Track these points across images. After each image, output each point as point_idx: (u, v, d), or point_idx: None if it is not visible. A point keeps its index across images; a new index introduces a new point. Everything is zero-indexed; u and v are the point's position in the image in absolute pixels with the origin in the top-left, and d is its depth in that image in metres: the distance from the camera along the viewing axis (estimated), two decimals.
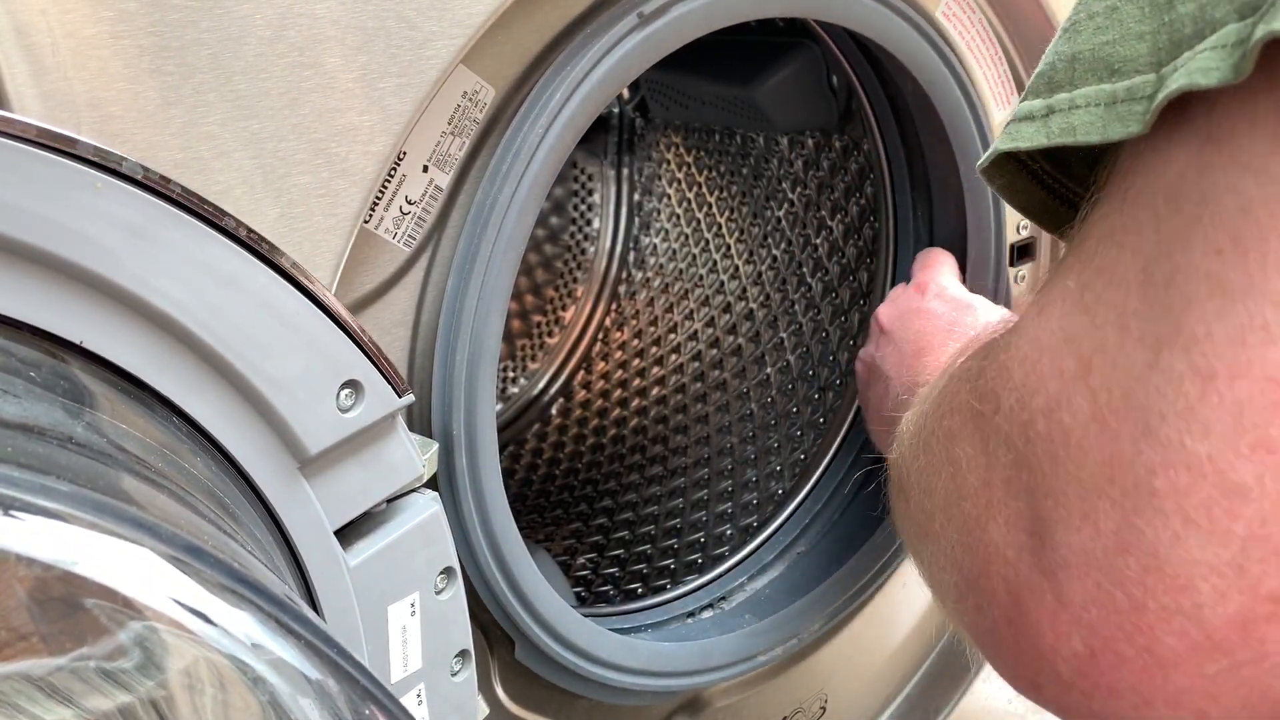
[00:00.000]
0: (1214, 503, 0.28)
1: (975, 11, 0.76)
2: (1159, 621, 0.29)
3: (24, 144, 0.32)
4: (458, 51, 0.51)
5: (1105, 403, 0.30)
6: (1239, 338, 0.27)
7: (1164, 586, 0.29)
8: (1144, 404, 0.29)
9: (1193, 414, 0.28)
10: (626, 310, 1.22)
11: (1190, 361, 0.28)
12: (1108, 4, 0.33)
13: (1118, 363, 0.30)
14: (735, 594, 0.85)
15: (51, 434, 0.29)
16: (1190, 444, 0.28)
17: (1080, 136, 0.32)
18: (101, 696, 0.26)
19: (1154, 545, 0.29)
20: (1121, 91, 0.31)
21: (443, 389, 0.57)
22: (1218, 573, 0.28)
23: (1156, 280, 0.30)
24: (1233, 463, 0.27)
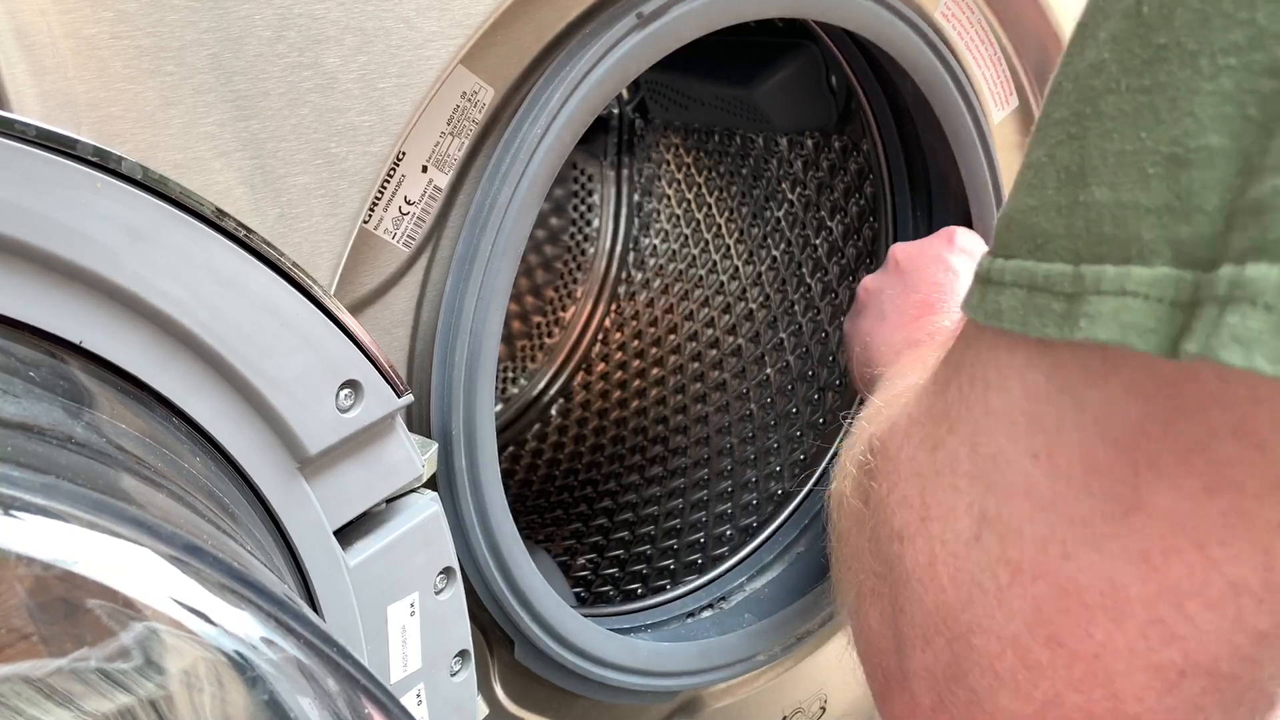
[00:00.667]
0: (1017, 671, 0.31)
1: (974, 12, 0.76)
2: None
3: (24, 144, 0.32)
4: (457, 52, 0.51)
5: (939, 555, 0.34)
6: (1041, 545, 0.30)
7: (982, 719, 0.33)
8: (968, 572, 0.32)
9: (1002, 597, 0.31)
10: (626, 311, 1.22)
11: (1004, 550, 0.31)
12: (1036, 156, 0.30)
13: (950, 521, 0.33)
14: (735, 594, 0.85)
15: (51, 434, 0.29)
16: (1000, 620, 0.32)
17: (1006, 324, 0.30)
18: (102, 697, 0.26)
19: (975, 688, 0.33)
20: (1041, 277, 0.29)
21: (442, 389, 0.57)
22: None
23: (983, 453, 0.32)
24: (1030, 646, 0.31)
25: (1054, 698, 0.31)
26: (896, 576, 0.36)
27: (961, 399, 0.33)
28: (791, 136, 1.01)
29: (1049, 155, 0.29)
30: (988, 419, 0.32)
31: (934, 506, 0.34)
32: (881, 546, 0.37)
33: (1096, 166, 0.27)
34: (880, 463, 0.38)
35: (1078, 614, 0.30)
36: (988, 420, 0.32)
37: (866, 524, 0.39)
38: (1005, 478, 0.31)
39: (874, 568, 0.38)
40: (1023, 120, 0.83)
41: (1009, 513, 0.31)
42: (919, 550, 0.34)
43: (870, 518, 0.39)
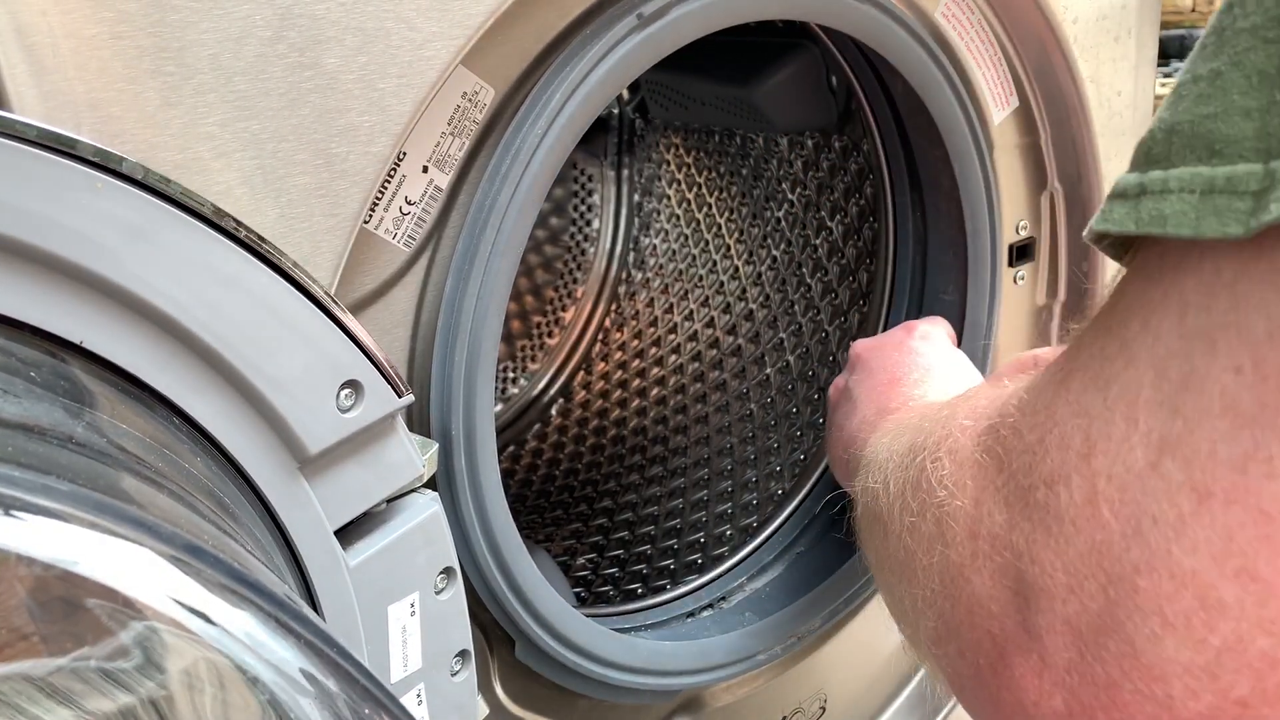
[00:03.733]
0: (1193, 613, 0.29)
1: (974, 12, 0.76)
2: (1133, 702, 0.30)
3: (24, 144, 0.32)
4: (457, 52, 0.51)
5: (1102, 490, 0.31)
6: (1241, 464, 0.27)
7: (1140, 674, 0.30)
8: (1138, 503, 0.30)
9: (1184, 527, 0.28)
10: (626, 310, 1.22)
11: (1190, 475, 0.28)
12: (1212, 67, 0.29)
13: (1120, 454, 0.30)
14: (735, 594, 0.85)
15: (52, 434, 0.29)
16: (1177, 554, 0.29)
17: (1171, 229, 0.28)
18: (102, 697, 0.26)
19: (1132, 637, 0.30)
20: (1221, 180, 0.27)
21: (441, 389, 0.57)
22: (1191, 674, 0.29)
23: (1171, 378, 0.29)
24: (1215, 582, 0.28)
25: (1235, 642, 0.28)
26: (1035, 523, 0.33)
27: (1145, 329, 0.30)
28: (791, 137, 1.02)
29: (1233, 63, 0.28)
30: (1181, 341, 0.29)
31: (1100, 441, 0.31)
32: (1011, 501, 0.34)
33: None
34: (1021, 417, 0.35)
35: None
36: (1180, 343, 0.29)
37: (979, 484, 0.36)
38: (1199, 398, 0.28)
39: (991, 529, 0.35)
40: (1023, 120, 0.83)
41: (1200, 434, 0.28)
42: (1075, 489, 0.31)
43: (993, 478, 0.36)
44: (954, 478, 0.38)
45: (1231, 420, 0.28)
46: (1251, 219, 0.26)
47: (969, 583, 0.36)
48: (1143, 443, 0.30)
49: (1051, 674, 0.32)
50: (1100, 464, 0.31)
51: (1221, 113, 0.28)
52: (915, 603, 0.40)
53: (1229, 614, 0.28)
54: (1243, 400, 0.27)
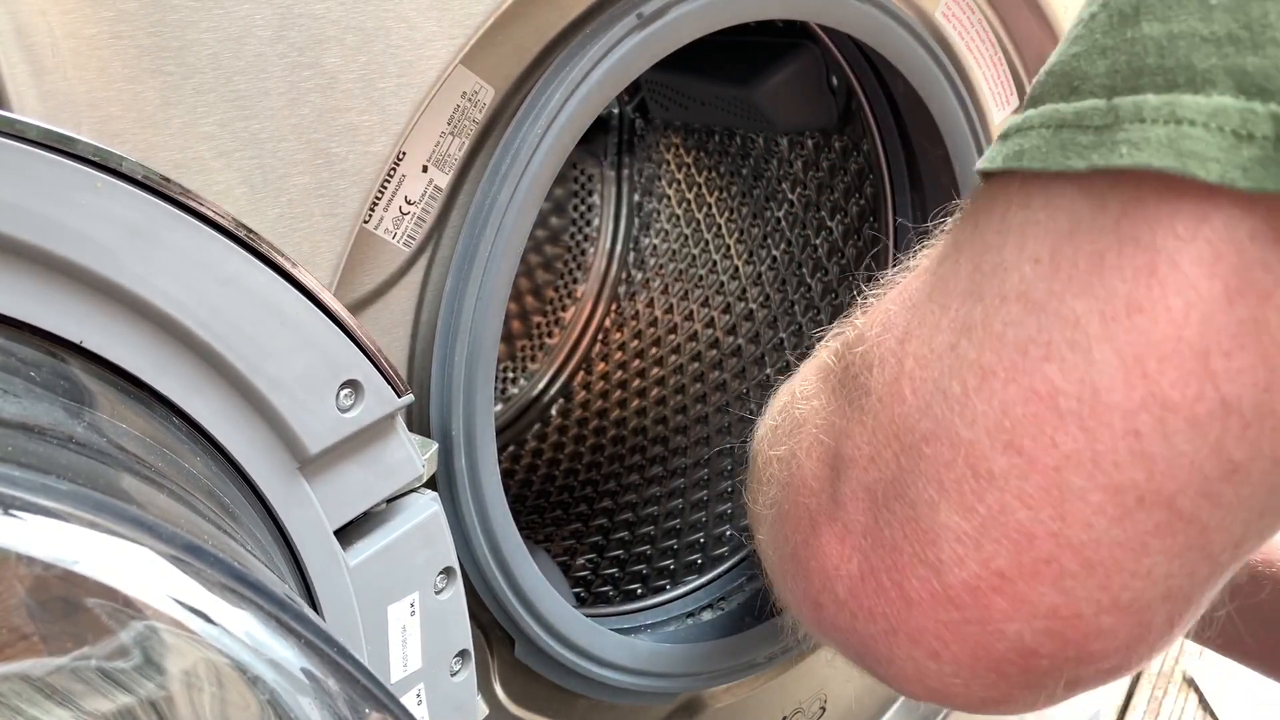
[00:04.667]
0: (964, 481, 0.30)
1: (974, 12, 0.76)
2: (909, 565, 0.32)
3: (24, 144, 0.32)
4: (457, 52, 0.51)
5: (909, 370, 0.33)
6: (1023, 347, 0.29)
7: (917, 538, 0.32)
8: (935, 380, 0.32)
9: (966, 401, 0.31)
10: (626, 310, 1.22)
11: (980, 355, 0.30)
12: (1091, 10, 0.31)
13: (930, 337, 0.33)
14: (735, 594, 0.85)
15: (52, 433, 0.29)
16: (958, 425, 0.31)
17: (1026, 162, 0.30)
18: (101, 697, 0.26)
19: (915, 501, 0.32)
20: (1070, 115, 0.29)
21: (441, 389, 0.57)
22: (959, 540, 0.31)
23: (984, 269, 0.31)
24: (987, 453, 0.30)
25: (999, 513, 0.30)
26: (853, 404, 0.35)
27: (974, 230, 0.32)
28: (792, 137, 1.01)
29: (1103, 4, 0.29)
30: (997, 235, 0.31)
31: (916, 326, 0.33)
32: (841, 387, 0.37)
33: (1152, 4, 0.27)
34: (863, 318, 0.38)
35: (1047, 419, 0.29)
36: (997, 237, 0.31)
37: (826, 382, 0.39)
38: (1000, 285, 0.30)
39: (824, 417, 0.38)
40: None
41: (994, 318, 0.30)
42: (888, 369, 0.34)
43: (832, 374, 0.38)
44: (809, 386, 0.41)
45: (1022, 306, 0.30)
46: (1094, 154, 0.28)
47: (800, 466, 0.39)
48: (950, 326, 0.32)
49: (851, 539, 0.35)
50: (912, 346, 0.33)
51: (1084, 52, 0.30)
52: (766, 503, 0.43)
53: (995, 484, 0.30)
54: (1036, 288, 0.29)
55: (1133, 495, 0.28)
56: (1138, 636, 0.31)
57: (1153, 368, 0.27)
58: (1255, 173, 0.24)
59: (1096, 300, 0.28)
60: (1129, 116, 0.27)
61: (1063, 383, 0.28)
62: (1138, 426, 0.28)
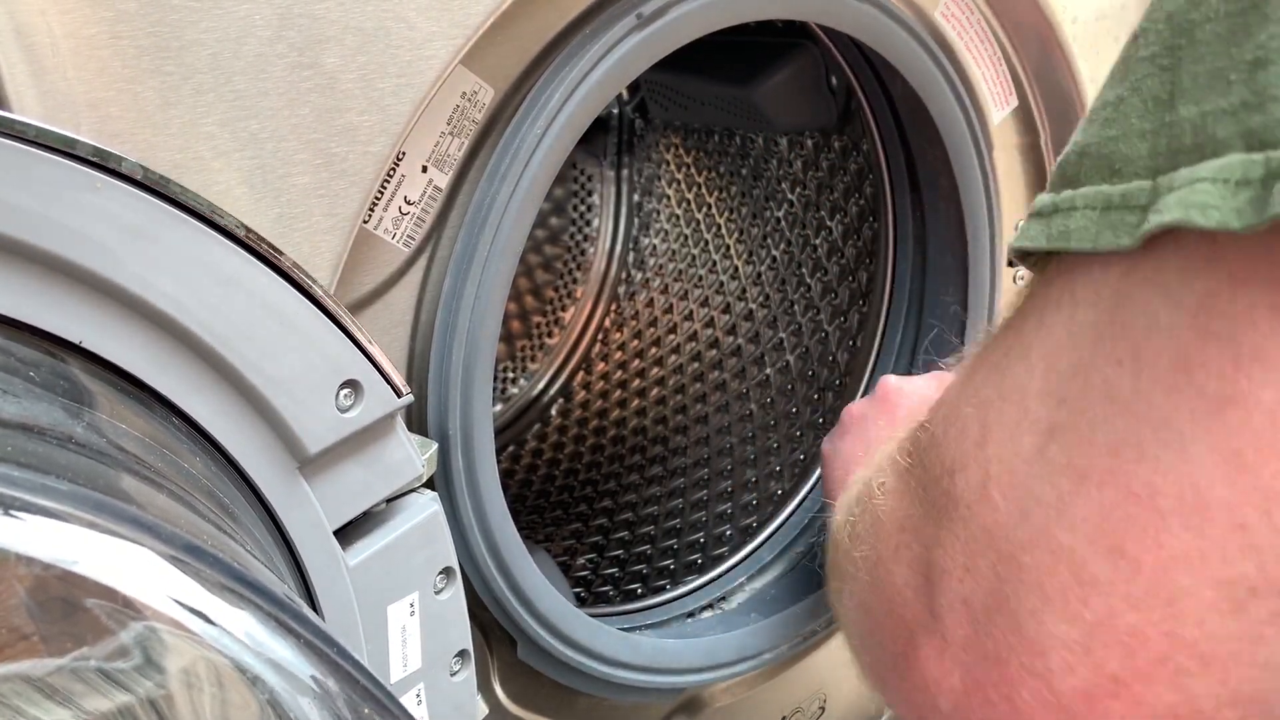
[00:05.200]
0: (1069, 588, 0.30)
1: (974, 12, 0.76)
2: (1018, 677, 0.32)
3: (24, 144, 0.32)
4: (457, 52, 0.51)
5: (995, 475, 0.33)
6: (1115, 449, 0.29)
7: (1023, 649, 0.32)
8: (1025, 486, 0.31)
9: (1063, 506, 0.30)
10: (626, 310, 1.22)
11: (1070, 458, 0.30)
12: (1117, 93, 0.31)
13: (1011, 440, 0.32)
14: (735, 594, 0.85)
15: (51, 433, 0.29)
16: (1056, 532, 0.30)
17: (1074, 243, 0.30)
18: (101, 697, 0.26)
19: (1017, 612, 0.32)
20: (1117, 197, 0.30)
21: (439, 389, 0.57)
22: (1068, 648, 0.31)
23: (1060, 369, 0.31)
24: (1089, 558, 0.30)
25: (1107, 618, 0.30)
26: (940, 510, 0.35)
27: (1040, 326, 0.32)
28: (791, 137, 1.02)
29: (1133, 89, 0.30)
30: (1069, 337, 0.31)
31: (995, 429, 0.33)
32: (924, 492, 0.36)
33: (1186, 89, 0.28)
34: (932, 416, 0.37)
35: (1148, 520, 0.28)
36: (1069, 338, 0.31)
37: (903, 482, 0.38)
38: (1082, 387, 0.30)
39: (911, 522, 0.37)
40: (1023, 120, 0.83)
41: (1081, 421, 0.30)
42: (971, 475, 0.33)
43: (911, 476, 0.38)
44: (888, 483, 0.41)
45: (1109, 407, 0.29)
46: (1138, 229, 0.28)
47: (890, 574, 0.38)
48: (1031, 429, 0.32)
49: (951, 652, 0.34)
50: (992, 451, 0.33)
51: (1122, 135, 0.30)
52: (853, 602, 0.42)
53: (1100, 589, 0.30)
54: (1120, 389, 0.29)
55: (1244, 588, 0.28)
56: None
57: (1252, 459, 0.27)
58: (1246, 213, 0.25)
59: (1185, 398, 0.28)
60: (1165, 190, 0.28)
61: (1161, 483, 0.28)
62: (1243, 520, 0.27)
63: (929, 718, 0.36)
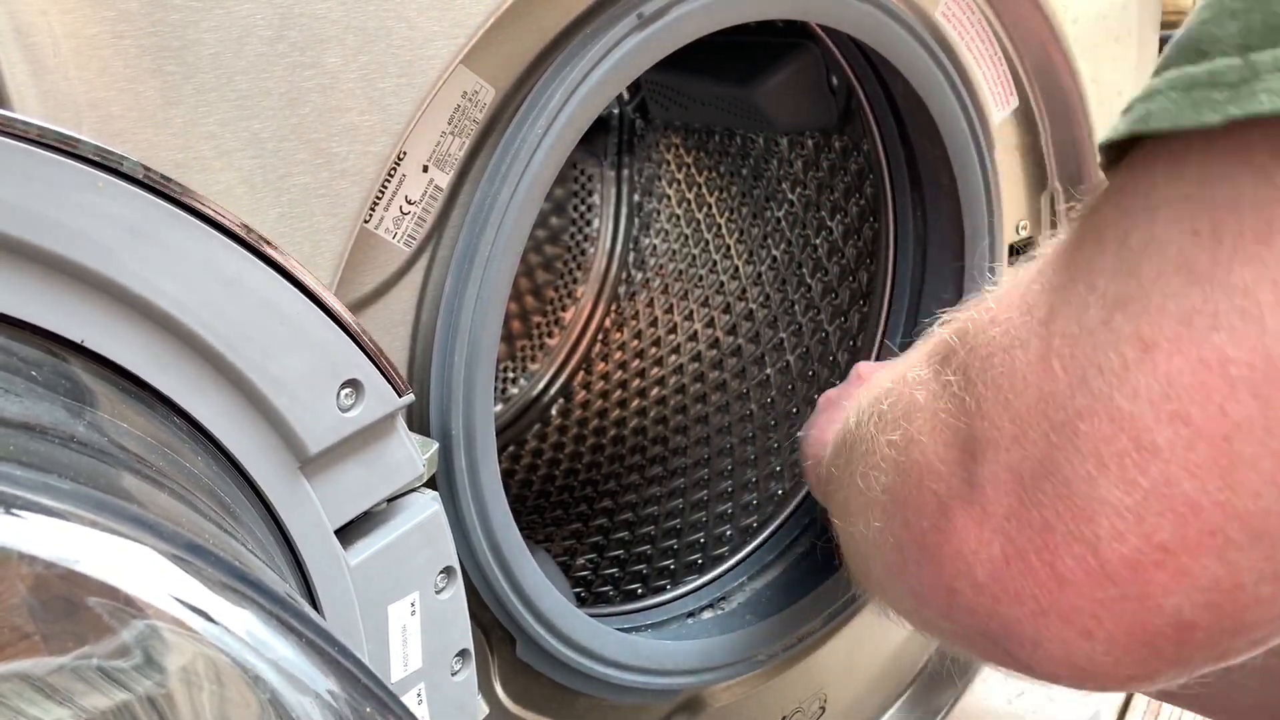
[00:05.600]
0: (1126, 454, 0.30)
1: (974, 12, 0.76)
2: (1063, 543, 0.32)
3: (25, 143, 0.32)
4: (457, 51, 0.51)
5: (1056, 348, 0.32)
6: (1187, 318, 0.29)
7: (1072, 515, 0.31)
8: (1088, 355, 0.31)
9: (1127, 374, 0.30)
10: (626, 311, 1.22)
11: (1137, 328, 0.30)
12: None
13: (1078, 315, 0.32)
14: (735, 594, 0.85)
15: (53, 433, 0.29)
16: (1118, 400, 0.30)
17: (1153, 124, 0.30)
18: (101, 695, 0.26)
19: (1069, 478, 0.31)
20: (1203, 76, 0.29)
21: (441, 389, 0.57)
22: (1119, 515, 0.30)
23: (1132, 244, 0.31)
24: (1151, 425, 0.30)
25: (1163, 485, 0.30)
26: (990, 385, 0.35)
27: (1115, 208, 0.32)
28: (792, 136, 1.02)
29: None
30: (1145, 212, 0.31)
31: (1061, 306, 0.33)
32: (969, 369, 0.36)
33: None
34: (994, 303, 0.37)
35: (1216, 388, 0.28)
36: (1144, 213, 0.31)
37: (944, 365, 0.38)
38: (1156, 259, 0.30)
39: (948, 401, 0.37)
40: (1023, 120, 0.83)
41: (1153, 291, 0.30)
42: (1030, 350, 0.33)
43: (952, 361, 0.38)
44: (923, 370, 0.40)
45: (1184, 278, 0.29)
46: (1231, 106, 0.27)
47: (922, 451, 0.38)
48: (1099, 302, 0.32)
49: (991, 522, 0.34)
50: (1058, 325, 0.33)
51: (1212, 18, 0.30)
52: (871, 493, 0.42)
53: (1160, 456, 0.30)
54: (1197, 260, 0.29)
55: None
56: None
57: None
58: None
59: (1267, 268, 0.28)
60: (1268, 68, 0.27)
61: (1234, 351, 0.28)
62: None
63: (961, 590, 0.36)
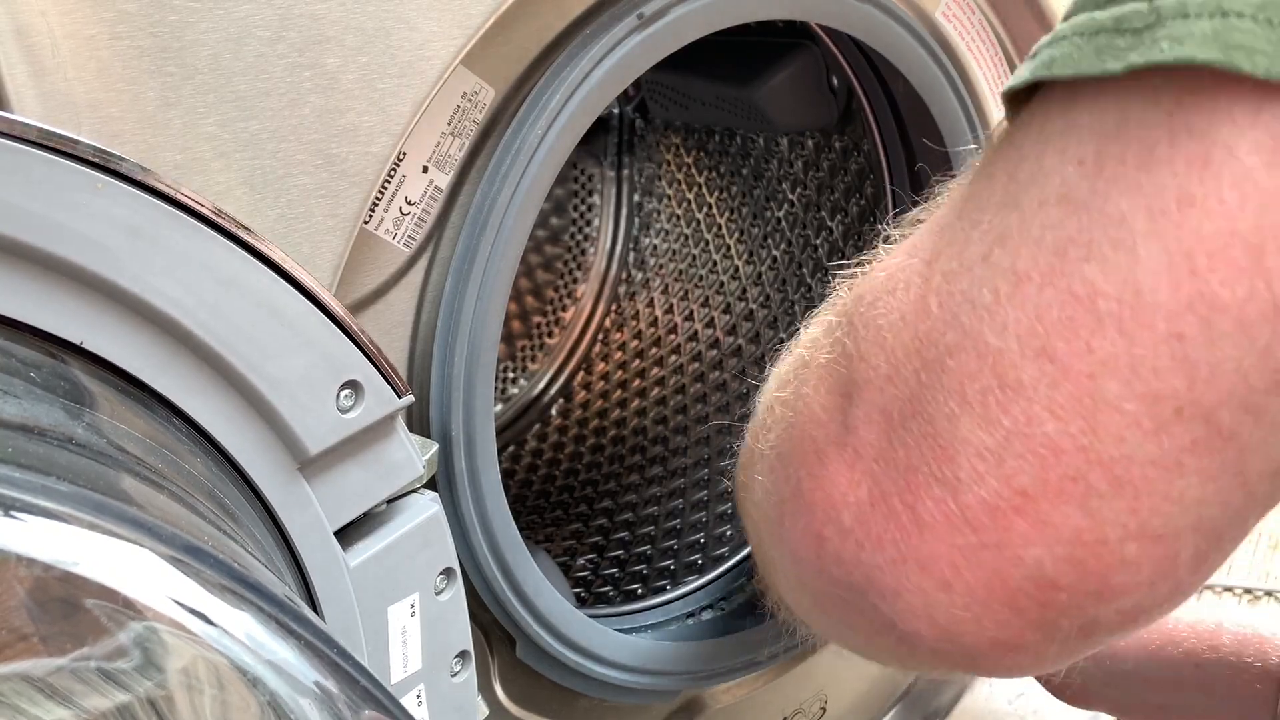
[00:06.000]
0: (989, 392, 0.29)
1: (975, 12, 0.76)
2: (924, 486, 0.31)
3: (24, 144, 0.32)
4: (457, 52, 0.51)
5: (936, 286, 0.32)
6: (1062, 248, 0.28)
7: (934, 456, 0.30)
8: (963, 291, 0.30)
9: (997, 308, 0.29)
10: (626, 311, 1.22)
11: (1014, 261, 0.29)
12: None
13: (960, 252, 0.31)
14: (736, 595, 0.85)
15: (52, 434, 0.29)
16: (986, 334, 0.29)
17: (1056, 70, 0.29)
18: (100, 697, 0.26)
19: (934, 417, 0.30)
20: (1107, 20, 0.28)
21: (440, 390, 0.57)
22: (980, 456, 0.29)
23: (1020, 178, 0.30)
24: (1015, 362, 0.29)
25: (1025, 425, 0.29)
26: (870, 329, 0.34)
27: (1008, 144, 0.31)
28: (792, 137, 1.01)
29: None
30: (1037, 146, 0.30)
31: (945, 246, 0.32)
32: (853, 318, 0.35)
33: None
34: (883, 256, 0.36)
35: (1083, 323, 0.28)
36: (1033, 147, 0.30)
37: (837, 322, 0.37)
38: (1039, 190, 0.29)
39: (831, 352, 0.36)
40: None
41: (1032, 223, 0.29)
42: (910, 288, 0.33)
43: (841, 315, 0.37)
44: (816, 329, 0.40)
45: (1063, 208, 0.28)
46: (1132, 54, 0.27)
47: (808, 401, 0.37)
48: (981, 238, 0.31)
49: (861, 464, 0.33)
50: (940, 265, 0.32)
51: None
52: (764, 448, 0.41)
53: (1023, 394, 0.29)
54: (1078, 189, 0.28)
55: (1170, 406, 0.27)
56: (1162, 572, 0.29)
57: (1202, 264, 0.26)
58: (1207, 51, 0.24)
59: (1144, 196, 0.27)
60: (1171, 14, 0.26)
61: (1103, 284, 0.27)
62: (1182, 329, 0.26)
63: (829, 537, 0.34)
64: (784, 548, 0.39)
